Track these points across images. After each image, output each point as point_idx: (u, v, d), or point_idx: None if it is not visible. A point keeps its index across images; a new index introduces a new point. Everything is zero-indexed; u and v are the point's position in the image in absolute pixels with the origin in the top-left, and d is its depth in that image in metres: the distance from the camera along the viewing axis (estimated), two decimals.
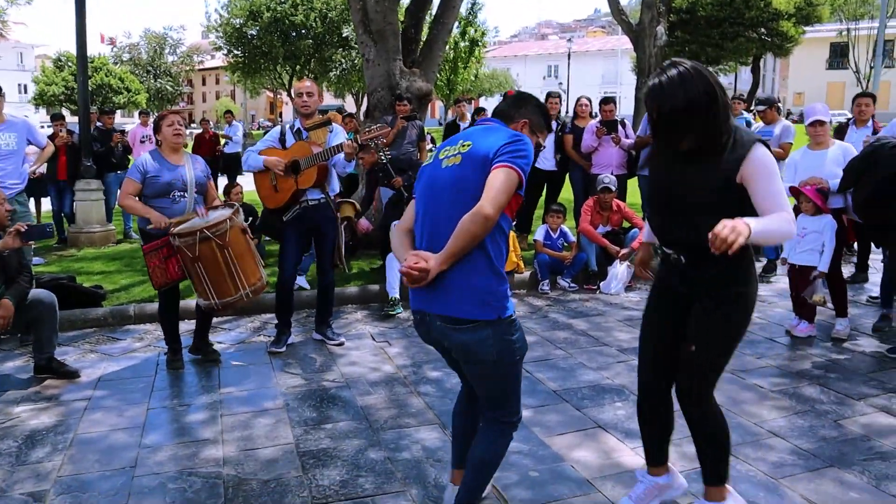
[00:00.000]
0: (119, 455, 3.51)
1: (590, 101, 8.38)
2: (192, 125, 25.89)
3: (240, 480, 3.23)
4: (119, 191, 9.43)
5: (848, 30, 40.56)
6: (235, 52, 33.75)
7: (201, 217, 4.50)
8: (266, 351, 5.05)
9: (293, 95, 5.02)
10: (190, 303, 5.02)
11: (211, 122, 15.48)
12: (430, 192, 2.48)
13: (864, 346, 5.06)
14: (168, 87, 50.96)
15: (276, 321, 5.67)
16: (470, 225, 2.29)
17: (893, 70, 33.64)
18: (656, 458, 2.93)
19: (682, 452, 3.32)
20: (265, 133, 5.58)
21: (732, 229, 2.15)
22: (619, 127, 7.64)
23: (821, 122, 5.47)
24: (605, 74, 62.65)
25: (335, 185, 5.18)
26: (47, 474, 3.32)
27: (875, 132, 7.11)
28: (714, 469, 2.76)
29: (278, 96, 66.22)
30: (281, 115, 69.79)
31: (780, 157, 6.65)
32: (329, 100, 58.11)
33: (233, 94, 69.36)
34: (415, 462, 3.39)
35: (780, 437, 3.62)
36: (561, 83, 54.02)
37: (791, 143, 7.15)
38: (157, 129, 4.63)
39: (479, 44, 25.50)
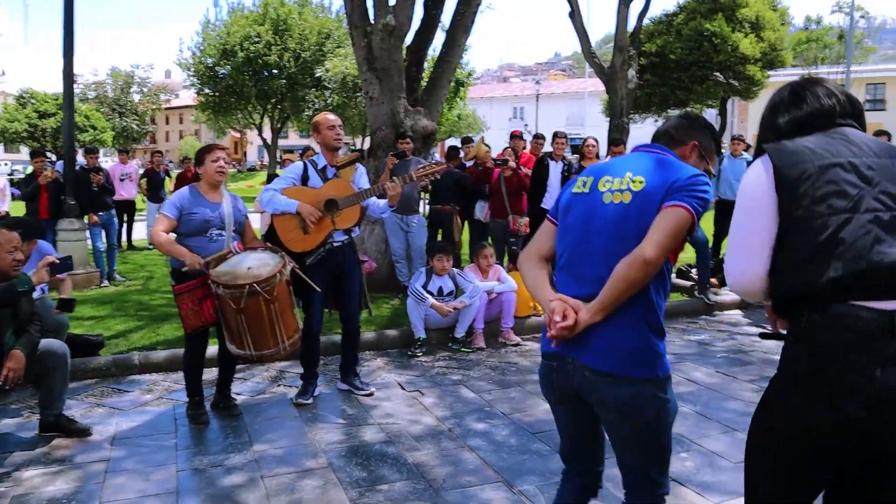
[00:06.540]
0: None
1: (597, 141, 8.29)
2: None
3: None
4: (106, 231, 9.17)
5: (809, 75, 41.97)
6: (206, 90, 33.27)
7: (235, 252, 4.19)
8: (292, 402, 4.70)
9: (322, 128, 4.69)
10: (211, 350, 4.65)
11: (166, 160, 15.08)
12: (585, 226, 2.18)
13: None
14: (134, 126, 50.06)
15: (291, 370, 5.38)
16: (628, 270, 2.01)
17: None
18: None
19: None
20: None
21: None
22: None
23: None
24: (569, 116, 63.62)
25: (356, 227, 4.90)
26: None
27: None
28: None
29: (244, 136, 65.79)
30: (245, 155, 69.25)
31: None
32: (295, 139, 57.85)
33: (197, 133, 68.65)
34: None
35: None
36: (527, 124, 54.61)
37: None
38: (199, 163, 4.29)
39: (465, 84, 25.66)
